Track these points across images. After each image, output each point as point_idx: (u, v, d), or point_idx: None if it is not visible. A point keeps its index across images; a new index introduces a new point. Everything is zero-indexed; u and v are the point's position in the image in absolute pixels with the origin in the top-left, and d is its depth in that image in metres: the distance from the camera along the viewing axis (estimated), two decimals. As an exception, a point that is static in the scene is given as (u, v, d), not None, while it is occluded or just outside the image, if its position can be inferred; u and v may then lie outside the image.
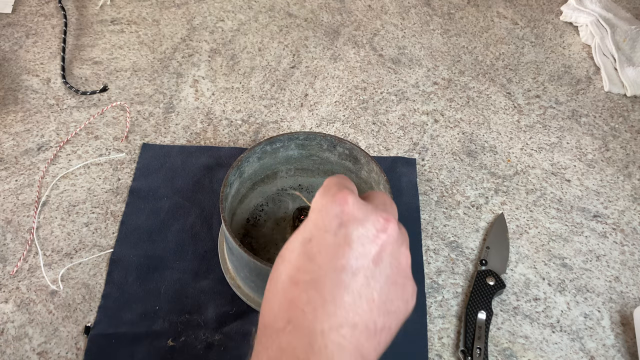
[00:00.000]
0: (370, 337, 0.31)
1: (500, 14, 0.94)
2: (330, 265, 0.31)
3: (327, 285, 0.30)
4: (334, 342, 0.29)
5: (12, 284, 0.57)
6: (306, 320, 0.30)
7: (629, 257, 0.64)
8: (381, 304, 0.32)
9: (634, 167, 0.73)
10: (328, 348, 0.29)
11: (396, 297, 0.33)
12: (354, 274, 0.31)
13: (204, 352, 0.53)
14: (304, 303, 0.30)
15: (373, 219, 0.32)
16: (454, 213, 0.66)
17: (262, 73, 0.80)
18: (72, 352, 0.53)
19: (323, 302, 0.30)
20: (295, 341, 0.30)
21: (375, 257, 0.32)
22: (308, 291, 0.30)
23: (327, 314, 0.30)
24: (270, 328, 0.31)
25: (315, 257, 0.31)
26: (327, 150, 0.60)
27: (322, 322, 0.30)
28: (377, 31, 0.89)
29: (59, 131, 0.70)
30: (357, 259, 0.31)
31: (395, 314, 0.33)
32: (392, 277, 0.33)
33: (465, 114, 0.77)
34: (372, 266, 0.32)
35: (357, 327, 0.30)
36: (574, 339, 0.57)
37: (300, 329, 0.30)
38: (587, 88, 0.83)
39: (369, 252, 0.32)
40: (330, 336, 0.30)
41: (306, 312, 0.30)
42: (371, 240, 0.32)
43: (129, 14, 0.87)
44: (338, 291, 0.30)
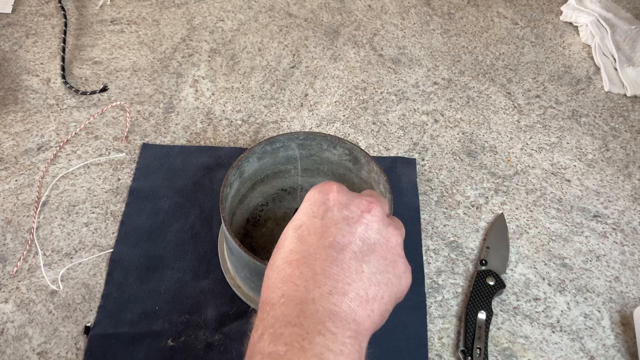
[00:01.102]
0: (362, 304, 0.33)
1: (500, 14, 0.94)
2: (319, 243, 0.33)
3: (317, 260, 0.33)
4: (325, 308, 0.31)
5: (12, 284, 0.57)
6: (298, 292, 0.32)
7: (629, 257, 0.64)
8: (371, 275, 0.34)
9: (634, 167, 0.73)
10: (319, 312, 0.31)
11: (386, 270, 0.35)
12: (342, 249, 0.33)
13: (204, 352, 0.53)
14: (296, 277, 0.32)
15: (357, 202, 0.36)
16: (454, 213, 0.66)
17: (262, 73, 0.80)
18: (72, 352, 0.53)
19: (313, 274, 0.32)
20: (287, 310, 0.31)
21: (362, 235, 0.34)
22: (300, 267, 0.33)
23: (317, 284, 0.32)
24: (266, 304, 0.33)
25: (305, 239, 0.34)
26: (327, 150, 0.60)
27: (312, 291, 0.32)
28: (377, 31, 0.89)
29: (58, 131, 0.70)
30: (344, 236, 0.34)
31: (387, 285, 0.35)
32: (381, 253, 0.35)
33: (465, 114, 0.77)
34: (359, 242, 0.34)
35: (347, 295, 0.32)
36: (574, 339, 0.57)
37: (292, 299, 0.32)
38: (587, 88, 0.83)
39: (355, 230, 0.34)
40: (321, 302, 0.31)
41: (298, 284, 0.32)
42: (356, 220, 0.35)
43: (129, 14, 0.87)
44: (327, 264, 0.33)
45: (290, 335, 0.30)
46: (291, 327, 0.30)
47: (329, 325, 0.30)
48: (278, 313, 0.31)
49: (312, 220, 0.35)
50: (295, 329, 0.30)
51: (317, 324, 0.30)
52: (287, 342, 0.29)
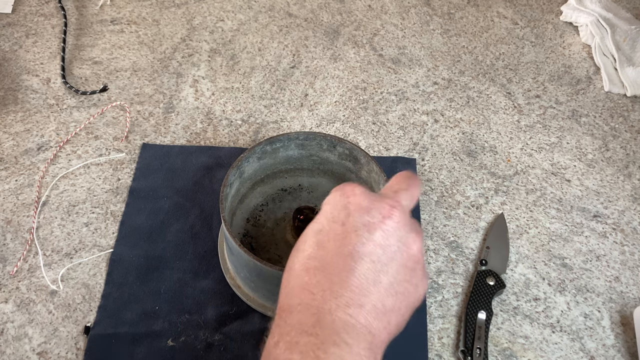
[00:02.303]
0: (379, 316, 0.32)
1: (500, 13, 0.94)
2: (338, 251, 0.33)
3: (335, 269, 0.32)
4: (341, 319, 0.31)
5: (12, 284, 0.57)
6: (315, 301, 0.31)
7: (629, 257, 0.64)
8: (389, 286, 0.33)
9: (634, 167, 0.73)
10: (335, 323, 0.31)
11: (405, 279, 0.34)
12: (361, 258, 0.33)
13: (204, 352, 0.53)
14: (313, 286, 0.32)
15: (378, 206, 0.34)
16: (454, 213, 0.66)
17: (262, 73, 0.80)
18: (72, 352, 0.53)
19: (330, 284, 0.32)
20: (304, 318, 0.31)
21: (382, 242, 0.33)
22: (317, 275, 0.32)
23: (334, 295, 0.31)
24: (283, 311, 0.33)
25: (324, 245, 0.33)
26: (327, 150, 0.60)
27: (329, 302, 0.31)
28: (377, 31, 0.89)
29: (58, 131, 0.70)
30: (364, 245, 0.33)
31: (404, 295, 0.34)
32: (401, 261, 0.34)
33: (465, 114, 0.77)
34: (380, 251, 0.33)
35: (365, 307, 0.32)
36: (574, 339, 0.57)
37: (309, 308, 0.31)
38: (587, 88, 0.83)
39: (375, 237, 0.33)
40: (337, 313, 0.31)
41: (315, 293, 0.32)
42: (377, 226, 0.33)
43: (129, 14, 0.87)
44: (345, 275, 0.32)
45: (305, 344, 0.30)
46: (307, 337, 0.30)
47: (344, 336, 0.30)
48: (294, 321, 0.31)
49: (332, 225, 0.34)
50: (310, 338, 0.30)
51: (332, 334, 0.30)
52: (302, 350, 0.30)
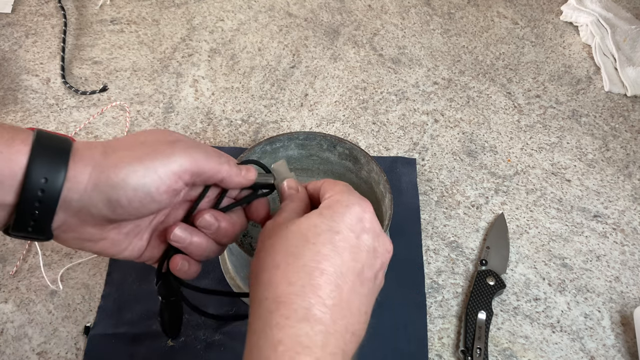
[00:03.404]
0: (357, 343, 0.34)
1: (500, 13, 0.94)
2: (350, 265, 0.34)
3: (346, 284, 0.33)
4: (339, 345, 0.32)
5: (11, 284, 0.57)
6: (324, 316, 0.32)
7: (629, 257, 0.64)
8: (364, 315, 0.35)
9: (634, 167, 0.73)
10: (335, 346, 0.32)
11: (369, 309, 0.36)
12: (362, 283, 0.35)
13: (204, 352, 0.53)
14: (326, 296, 0.32)
15: (384, 239, 0.37)
16: (454, 213, 0.66)
17: (262, 73, 0.80)
18: (72, 352, 0.53)
19: (340, 300, 0.33)
20: (311, 332, 0.31)
21: (379, 275, 0.36)
22: (330, 285, 0.33)
23: (342, 315, 0.33)
24: (286, 307, 0.32)
25: (340, 250, 0.34)
26: (327, 150, 0.59)
27: (337, 322, 0.33)
28: (377, 31, 0.88)
29: (58, 131, 0.70)
30: (370, 269, 0.35)
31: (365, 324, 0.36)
32: (374, 294, 0.37)
33: (465, 114, 0.77)
34: (377, 282, 0.36)
35: (356, 335, 0.34)
36: (574, 339, 0.57)
37: (318, 321, 0.32)
38: (587, 88, 0.83)
39: (376, 267, 0.36)
40: (340, 338, 0.33)
41: (326, 305, 0.32)
42: (380, 258, 0.36)
43: (129, 14, 0.87)
44: (352, 295, 0.34)
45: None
46: (308, 355, 0.30)
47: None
48: (301, 332, 0.31)
49: (349, 234, 0.35)
50: (309, 358, 0.30)
51: (331, 353, 0.31)
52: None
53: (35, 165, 0.32)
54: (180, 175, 0.36)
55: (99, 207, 0.34)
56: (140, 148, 0.35)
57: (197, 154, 0.36)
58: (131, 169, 0.34)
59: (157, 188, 0.35)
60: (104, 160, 0.34)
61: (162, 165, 0.35)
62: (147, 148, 0.35)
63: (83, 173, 0.33)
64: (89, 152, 0.34)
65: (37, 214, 0.33)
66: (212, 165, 0.38)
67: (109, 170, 0.34)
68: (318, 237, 0.34)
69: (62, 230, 0.36)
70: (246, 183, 0.41)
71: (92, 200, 0.34)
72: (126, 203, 0.35)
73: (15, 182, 0.32)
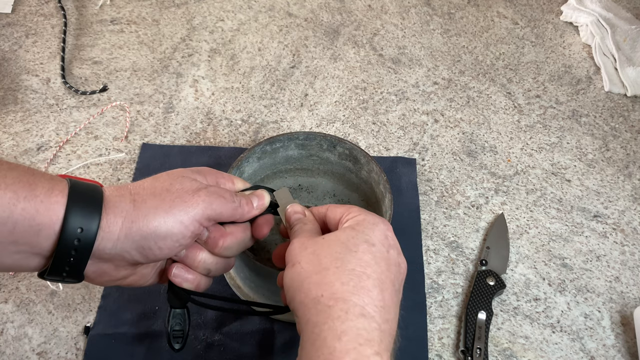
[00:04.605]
0: (393, 343, 0.36)
1: (500, 13, 0.93)
2: (387, 274, 0.37)
3: (387, 290, 0.36)
4: (389, 341, 0.35)
5: (12, 284, 0.57)
6: (375, 314, 0.35)
7: (629, 257, 0.64)
8: (397, 322, 0.38)
9: (634, 167, 0.73)
10: (388, 342, 0.35)
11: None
12: (396, 290, 0.38)
13: (204, 352, 0.53)
14: (376, 297, 0.35)
15: (403, 257, 0.40)
16: (454, 213, 0.66)
17: (262, 73, 0.80)
18: (72, 352, 0.53)
19: (383, 303, 0.35)
20: (369, 327, 0.34)
21: (401, 285, 0.39)
22: (375, 289, 0.36)
23: (387, 314, 0.36)
24: (344, 302, 0.35)
25: (378, 261, 0.37)
26: (327, 150, 0.59)
27: (387, 323, 0.35)
28: (377, 31, 0.88)
29: (58, 131, 0.70)
30: (396, 278, 0.38)
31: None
32: (399, 304, 0.39)
33: (465, 114, 0.77)
34: (399, 290, 0.39)
35: (392, 335, 0.36)
36: (574, 339, 0.57)
37: (373, 319, 0.34)
38: (588, 88, 0.83)
39: (399, 278, 0.39)
40: (389, 337, 0.35)
41: (377, 306, 0.35)
42: (402, 271, 0.39)
43: (129, 14, 0.87)
44: (391, 298, 0.36)
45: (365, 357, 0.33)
46: (369, 347, 0.33)
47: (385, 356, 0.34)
48: (361, 326, 0.33)
49: (381, 247, 0.38)
50: (371, 350, 0.33)
51: (385, 350, 0.34)
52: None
53: (72, 216, 0.35)
54: (201, 222, 0.40)
55: (132, 254, 0.38)
56: (167, 197, 0.39)
57: (216, 202, 0.40)
58: (161, 220, 0.37)
59: (183, 235, 0.39)
60: (134, 211, 0.37)
61: (187, 215, 0.38)
62: (173, 196, 0.39)
63: (115, 224, 0.36)
64: (120, 201, 0.37)
65: (72, 261, 0.36)
66: (229, 211, 0.41)
67: (139, 222, 0.37)
68: (358, 246, 0.37)
69: (97, 274, 0.39)
70: (259, 212, 0.44)
71: (124, 248, 0.37)
72: (157, 250, 0.38)
73: (53, 232, 0.35)
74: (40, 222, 0.34)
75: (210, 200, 0.40)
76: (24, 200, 0.34)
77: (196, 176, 0.42)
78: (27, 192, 0.34)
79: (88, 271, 0.38)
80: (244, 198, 0.43)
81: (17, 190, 0.34)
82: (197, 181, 0.41)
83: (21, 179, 0.34)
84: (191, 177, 0.41)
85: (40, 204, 0.34)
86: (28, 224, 0.34)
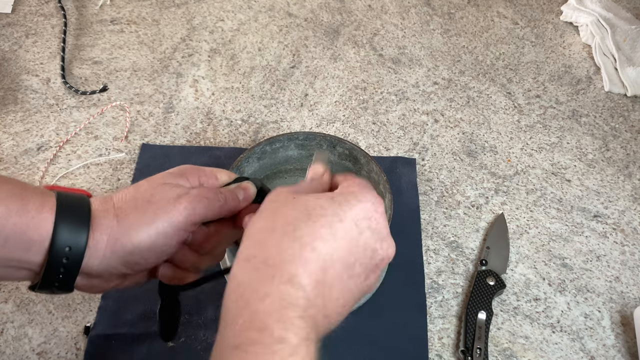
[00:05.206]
0: (325, 323, 0.34)
1: (500, 13, 0.94)
2: (343, 255, 0.34)
3: (336, 269, 0.34)
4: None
5: (12, 284, 0.57)
6: (323, 305, 0.33)
7: (629, 257, 0.64)
8: (342, 307, 0.36)
9: (634, 167, 0.73)
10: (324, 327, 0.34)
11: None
12: (350, 277, 0.35)
13: (204, 352, 0.53)
14: (312, 271, 0.33)
15: (389, 244, 0.37)
16: (454, 213, 0.66)
17: (262, 73, 0.80)
18: (72, 352, 0.53)
19: (330, 290, 0.34)
20: (314, 321, 0.33)
21: (368, 273, 0.37)
22: (324, 264, 0.33)
23: (330, 299, 0.34)
24: (302, 288, 0.33)
25: (337, 239, 0.34)
26: (327, 150, 0.59)
27: (328, 309, 0.34)
28: (377, 31, 0.88)
29: (58, 131, 0.70)
30: (360, 266, 0.36)
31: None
32: (360, 292, 0.37)
33: (465, 114, 0.77)
34: (362, 276, 0.36)
35: (326, 302, 0.34)
36: (574, 339, 0.57)
37: (319, 311, 0.33)
38: (588, 88, 0.83)
39: (367, 264, 0.36)
40: (333, 321, 0.35)
41: (324, 298, 0.33)
42: (376, 258, 0.37)
43: (129, 14, 0.87)
44: (337, 285, 0.34)
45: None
46: (293, 311, 0.31)
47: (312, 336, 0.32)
48: (286, 292, 0.32)
49: (352, 225, 0.35)
50: (295, 314, 0.31)
51: (311, 319, 0.32)
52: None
53: (60, 233, 0.35)
54: (186, 229, 0.39)
55: (119, 268, 0.38)
56: (149, 209, 0.38)
57: (200, 205, 0.39)
58: (145, 235, 0.37)
59: (168, 245, 0.39)
60: (117, 227, 0.37)
61: (170, 226, 0.38)
62: (154, 207, 0.38)
63: (101, 241, 0.37)
64: (104, 217, 0.37)
65: (61, 277, 0.36)
66: (215, 210, 0.41)
67: (123, 238, 0.37)
68: (320, 217, 0.35)
69: (88, 287, 0.39)
70: (247, 204, 0.43)
71: (111, 264, 0.37)
72: (143, 261, 0.38)
73: (43, 248, 0.35)
74: (31, 237, 0.34)
75: (193, 205, 0.39)
76: (15, 215, 0.34)
77: (178, 180, 0.41)
78: (19, 207, 0.34)
79: (79, 284, 0.38)
80: (229, 193, 0.42)
81: (9, 204, 0.34)
82: (179, 186, 0.40)
83: (13, 192, 0.34)
84: (173, 183, 0.40)
85: (32, 219, 0.34)
86: (19, 238, 0.34)
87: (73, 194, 0.38)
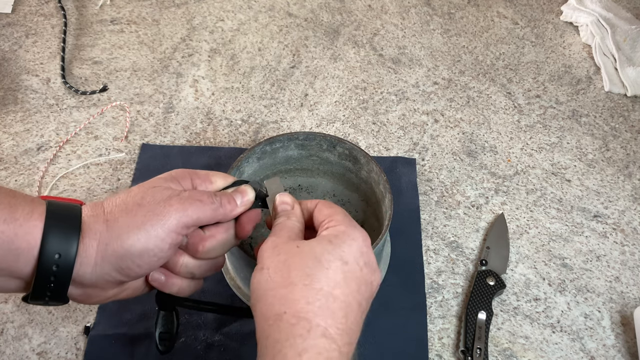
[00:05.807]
0: (344, 355, 0.36)
1: (500, 13, 0.93)
2: (355, 295, 0.37)
3: (352, 312, 0.36)
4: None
5: (11, 284, 0.57)
6: (337, 336, 0.35)
7: (629, 257, 0.64)
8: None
9: (634, 167, 0.73)
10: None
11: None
12: (361, 310, 0.37)
13: (204, 352, 0.53)
14: (339, 320, 0.35)
15: (377, 274, 0.39)
16: (454, 213, 0.66)
17: (262, 73, 0.80)
18: (72, 352, 0.53)
19: (347, 325, 0.35)
20: (328, 346, 0.34)
21: (369, 303, 0.39)
22: (342, 310, 0.35)
23: (349, 335, 0.35)
24: (307, 320, 0.34)
25: (349, 281, 0.36)
26: (327, 150, 0.59)
27: (346, 345, 0.35)
28: (377, 31, 0.88)
29: (58, 131, 0.70)
30: (365, 300, 0.38)
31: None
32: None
33: (465, 114, 0.77)
34: (366, 308, 0.38)
35: (352, 345, 0.36)
36: (574, 339, 0.57)
37: (333, 340, 0.34)
38: (588, 88, 0.83)
39: (368, 298, 0.38)
40: (348, 352, 0.35)
41: (339, 329, 0.35)
42: (373, 289, 0.39)
43: (129, 14, 0.87)
44: (356, 320, 0.36)
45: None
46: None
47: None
48: (321, 346, 0.33)
49: (354, 265, 0.37)
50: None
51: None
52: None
53: (49, 240, 0.34)
54: (178, 231, 0.38)
55: (112, 275, 0.37)
56: (139, 212, 0.37)
57: (192, 207, 0.38)
58: (135, 238, 0.36)
59: (160, 249, 0.37)
60: (107, 232, 0.36)
61: (162, 227, 0.37)
62: (144, 210, 0.37)
63: (91, 247, 0.36)
64: (94, 223, 0.36)
65: (52, 287, 0.35)
66: (209, 213, 0.40)
67: (113, 243, 0.36)
68: (330, 263, 0.36)
69: (85, 297, 0.38)
70: (245, 209, 0.42)
71: (104, 271, 0.36)
72: (136, 267, 0.37)
73: (32, 257, 0.34)
74: (19, 246, 0.34)
75: (184, 207, 0.38)
76: (3, 223, 0.33)
77: (169, 184, 0.40)
78: (6, 215, 0.34)
79: (76, 295, 0.38)
80: (225, 197, 0.41)
81: None
82: (171, 189, 0.39)
83: (2, 200, 0.34)
84: (164, 187, 0.39)
85: (20, 227, 0.34)
86: (7, 247, 0.33)
87: (64, 203, 0.37)
